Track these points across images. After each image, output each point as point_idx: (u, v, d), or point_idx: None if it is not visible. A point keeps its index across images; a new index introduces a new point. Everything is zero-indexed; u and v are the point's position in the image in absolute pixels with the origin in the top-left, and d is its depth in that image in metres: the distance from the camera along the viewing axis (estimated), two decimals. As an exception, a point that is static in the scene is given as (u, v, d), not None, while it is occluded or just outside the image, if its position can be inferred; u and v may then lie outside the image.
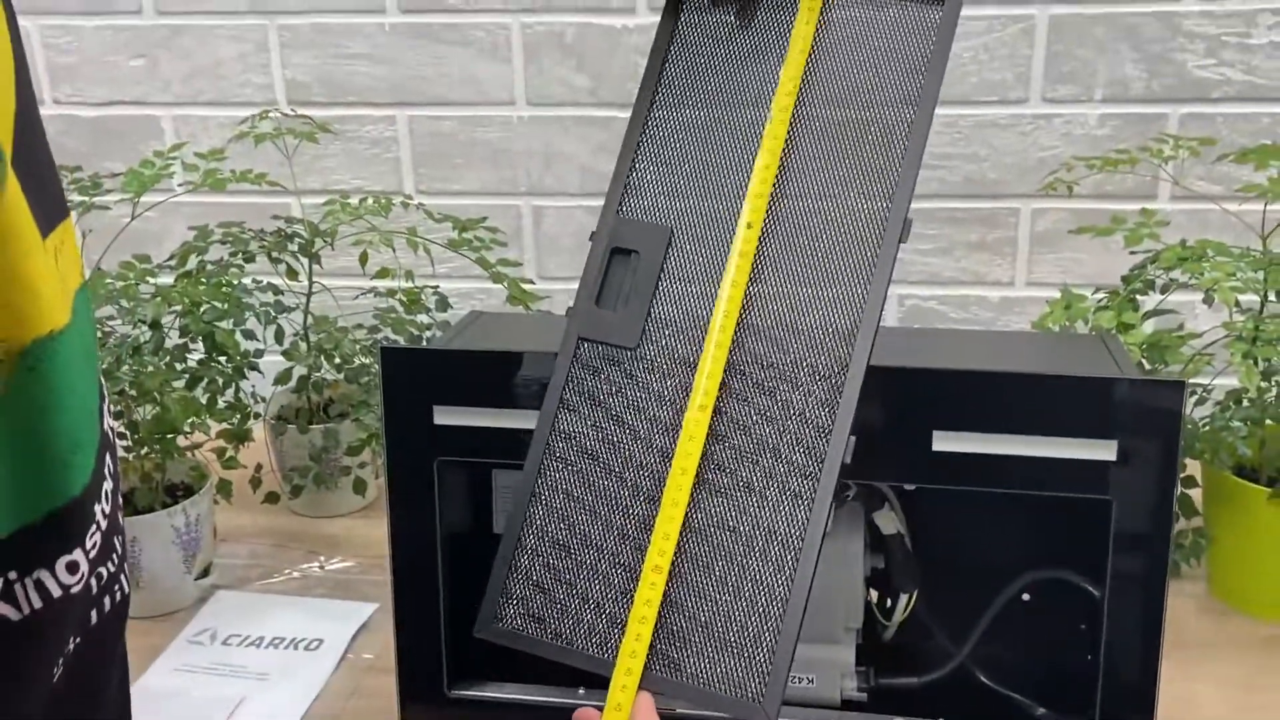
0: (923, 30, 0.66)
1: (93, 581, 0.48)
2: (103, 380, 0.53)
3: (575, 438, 0.67)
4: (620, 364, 0.67)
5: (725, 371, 0.64)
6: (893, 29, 0.67)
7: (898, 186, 0.64)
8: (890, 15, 0.67)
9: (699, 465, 0.63)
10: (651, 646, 0.62)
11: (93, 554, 0.48)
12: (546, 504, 0.67)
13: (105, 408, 0.51)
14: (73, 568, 0.47)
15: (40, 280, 0.42)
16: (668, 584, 0.62)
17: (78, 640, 0.49)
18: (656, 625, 0.62)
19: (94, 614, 0.50)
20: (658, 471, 0.64)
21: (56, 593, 0.46)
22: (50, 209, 0.45)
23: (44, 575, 0.45)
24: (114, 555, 0.51)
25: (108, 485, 0.50)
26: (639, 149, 0.70)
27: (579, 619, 0.65)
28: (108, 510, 0.50)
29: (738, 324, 0.65)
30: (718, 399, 0.64)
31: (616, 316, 0.67)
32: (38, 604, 0.45)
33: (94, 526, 0.48)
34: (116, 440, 0.57)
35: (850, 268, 0.64)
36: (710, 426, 0.64)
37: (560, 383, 0.68)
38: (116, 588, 0.51)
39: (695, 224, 0.67)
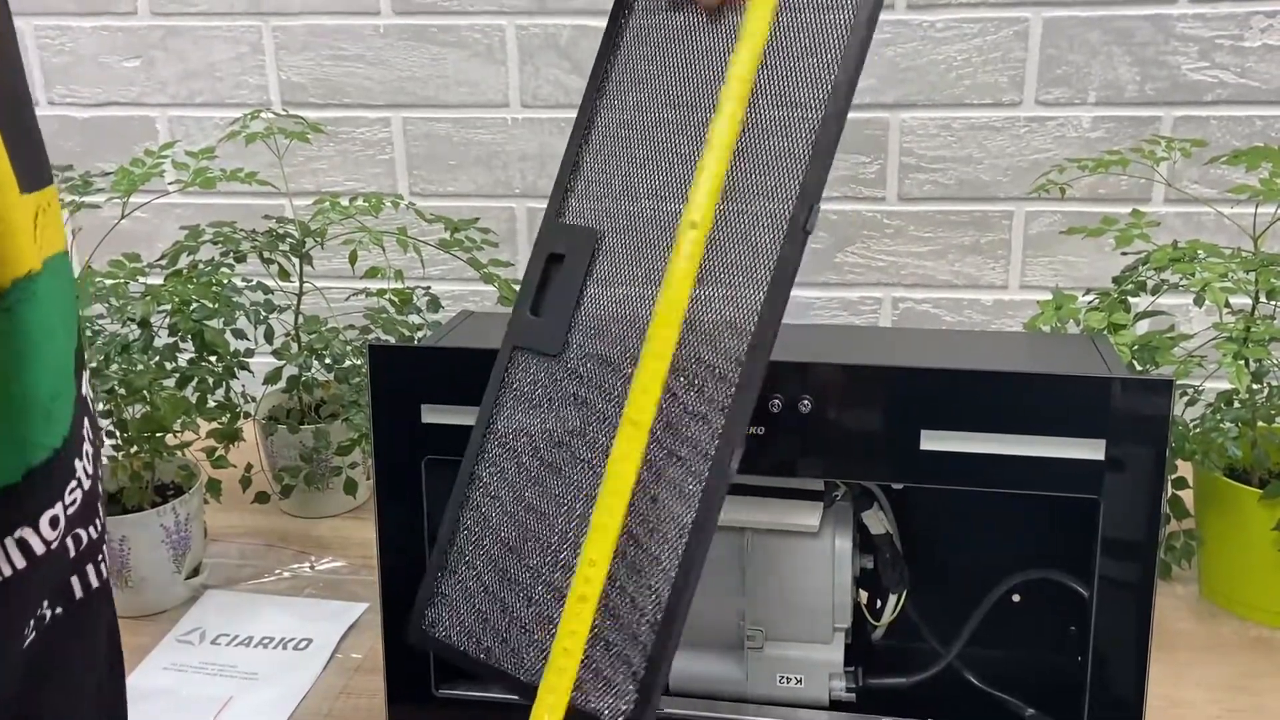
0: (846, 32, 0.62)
1: (69, 542, 0.48)
2: (84, 348, 0.53)
3: (509, 450, 0.67)
4: (551, 372, 0.66)
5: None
6: (830, 32, 0.62)
7: (803, 183, 0.60)
8: (831, 19, 0.62)
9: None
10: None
11: (72, 510, 0.48)
12: (481, 514, 0.67)
13: (85, 375, 0.51)
14: (54, 522, 0.47)
15: (16, 224, 0.42)
16: (595, 615, 0.60)
17: (58, 611, 0.48)
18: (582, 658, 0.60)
19: (76, 584, 0.49)
20: (583, 489, 0.62)
21: (40, 550, 0.46)
22: (32, 171, 0.46)
23: (27, 533, 0.45)
24: (96, 521, 0.50)
25: (88, 447, 0.50)
26: (580, 153, 0.69)
27: (505, 638, 0.64)
28: (90, 470, 0.50)
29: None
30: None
31: (544, 323, 0.66)
32: (21, 564, 0.45)
33: (74, 482, 0.48)
34: (95, 413, 0.58)
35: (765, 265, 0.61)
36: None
37: (495, 392, 0.68)
38: (101, 559, 0.51)
39: (631, 226, 0.66)
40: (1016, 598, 0.86)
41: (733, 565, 0.83)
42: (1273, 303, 0.96)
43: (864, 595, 0.87)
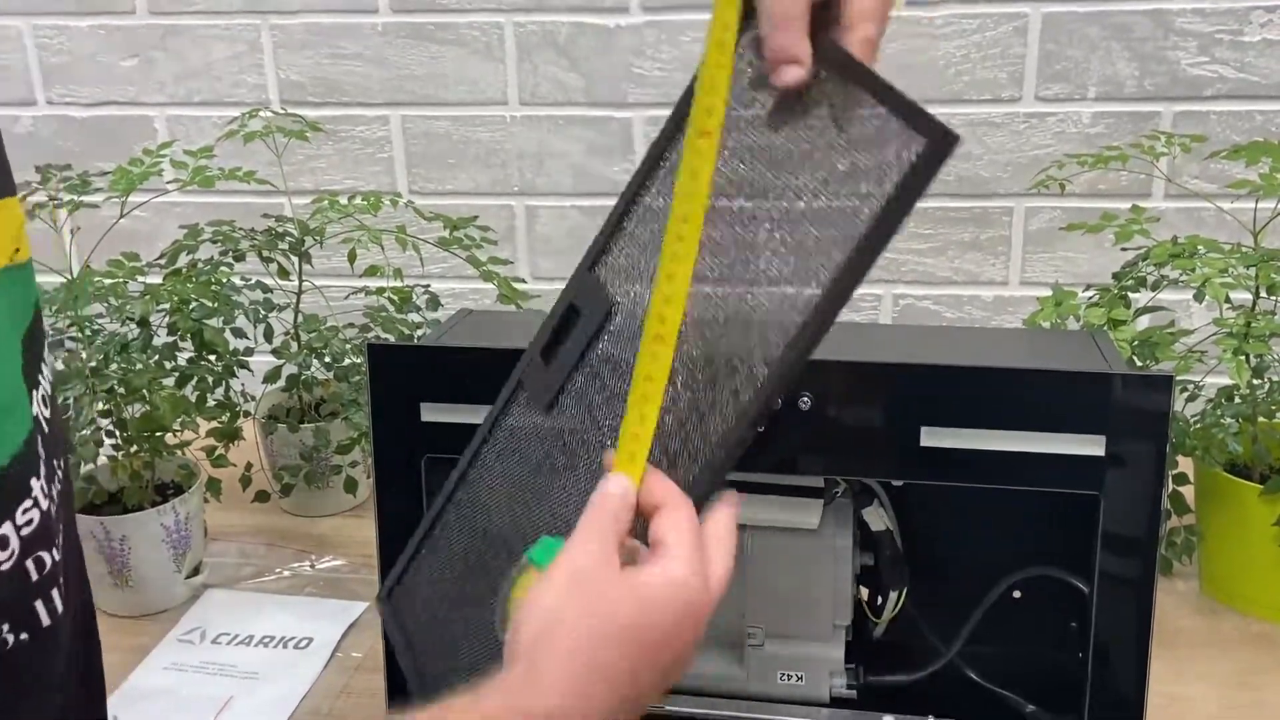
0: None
1: (29, 565, 0.47)
2: (46, 371, 0.52)
3: (485, 479, 0.66)
4: (537, 424, 0.65)
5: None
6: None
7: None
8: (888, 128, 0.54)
9: None
10: None
11: (27, 531, 0.46)
12: (451, 525, 0.67)
13: (37, 396, 0.50)
14: (3, 542, 0.45)
15: None
16: None
17: (22, 637, 0.47)
18: None
19: (41, 610, 0.48)
20: (524, 542, 0.60)
21: None
22: None
23: None
24: (58, 543, 0.49)
25: (43, 469, 0.49)
26: (629, 211, 0.64)
27: (433, 658, 0.64)
28: (49, 492, 0.48)
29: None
30: None
31: (548, 374, 0.64)
32: None
33: (30, 502, 0.47)
34: (63, 439, 0.55)
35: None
36: None
37: (493, 417, 0.67)
38: (62, 581, 0.49)
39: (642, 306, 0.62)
40: (1017, 594, 0.85)
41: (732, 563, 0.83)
42: (1273, 298, 0.96)
43: (864, 592, 0.87)
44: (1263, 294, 0.96)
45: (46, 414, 0.51)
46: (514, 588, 0.55)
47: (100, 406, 1.03)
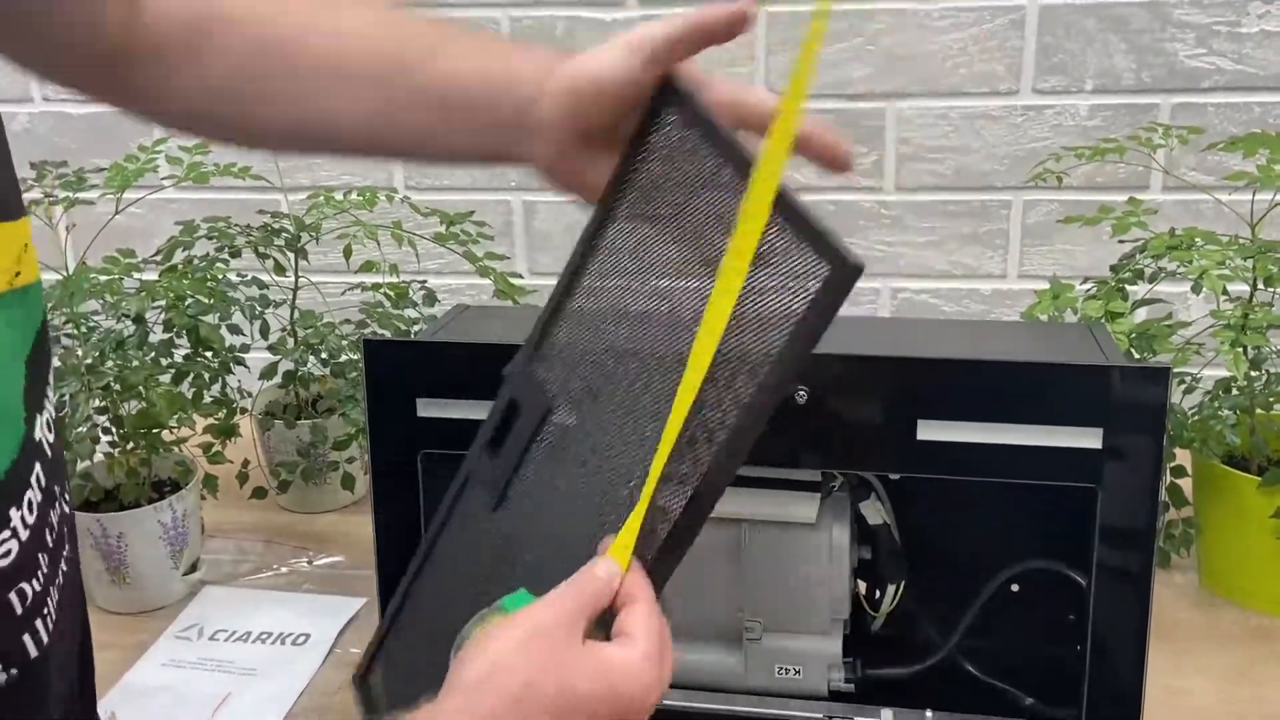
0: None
1: (13, 599, 0.45)
2: (49, 395, 0.51)
3: (441, 565, 0.66)
4: (484, 519, 0.64)
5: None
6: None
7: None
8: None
9: None
10: None
11: (4, 564, 0.45)
12: (416, 602, 0.66)
13: (42, 420, 0.49)
14: None
15: None
16: None
17: (12, 673, 0.46)
18: None
19: (29, 643, 0.47)
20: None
21: None
22: None
23: None
24: (39, 574, 0.48)
25: (32, 495, 0.47)
26: (567, 294, 0.64)
27: None
28: (31, 521, 0.47)
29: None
30: None
31: (493, 467, 0.63)
32: None
33: (7, 533, 0.45)
34: (61, 463, 0.54)
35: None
36: None
37: (447, 506, 0.67)
38: (48, 612, 0.48)
39: (582, 404, 0.60)
40: (1015, 587, 0.85)
41: (730, 557, 0.82)
42: (1270, 289, 0.96)
43: (862, 586, 0.86)
44: (1260, 286, 0.96)
45: (51, 438, 0.50)
46: (477, 625, 0.56)
47: (96, 403, 1.03)
